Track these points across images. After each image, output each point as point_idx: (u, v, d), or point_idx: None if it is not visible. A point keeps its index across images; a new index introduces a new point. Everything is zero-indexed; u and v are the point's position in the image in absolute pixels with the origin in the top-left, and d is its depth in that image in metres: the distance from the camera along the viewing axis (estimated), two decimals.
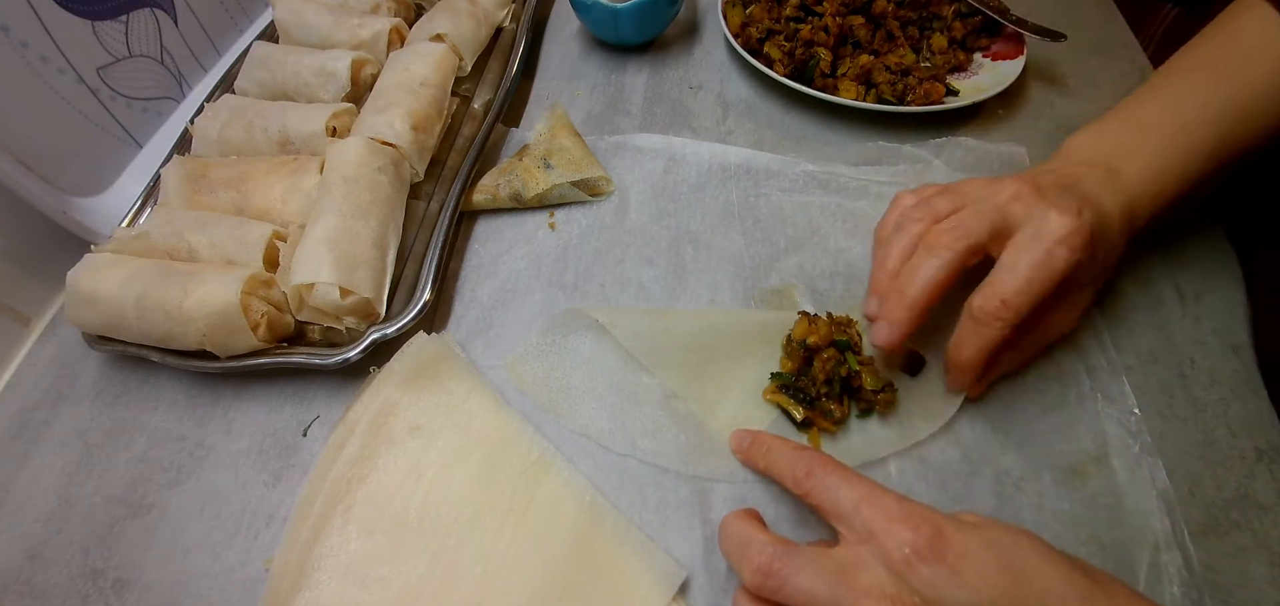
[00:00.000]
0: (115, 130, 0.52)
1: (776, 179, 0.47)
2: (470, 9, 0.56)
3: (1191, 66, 0.38)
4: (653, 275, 0.43)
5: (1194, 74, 0.37)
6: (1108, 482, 0.33)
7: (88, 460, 0.39)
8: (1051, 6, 0.56)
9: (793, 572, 0.27)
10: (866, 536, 0.26)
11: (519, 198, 0.47)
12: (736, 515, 0.31)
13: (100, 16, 0.50)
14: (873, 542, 0.26)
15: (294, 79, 0.53)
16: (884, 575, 0.25)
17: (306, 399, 0.40)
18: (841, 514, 0.28)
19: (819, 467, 0.29)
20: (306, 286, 0.39)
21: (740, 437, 0.35)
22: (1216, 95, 0.36)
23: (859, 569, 0.26)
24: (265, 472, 0.38)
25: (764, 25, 0.53)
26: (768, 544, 0.28)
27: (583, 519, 0.34)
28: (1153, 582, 0.31)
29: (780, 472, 0.31)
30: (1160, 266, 0.41)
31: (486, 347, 0.41)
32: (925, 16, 0.54)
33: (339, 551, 0.33)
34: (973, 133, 0.48)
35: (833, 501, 0.28)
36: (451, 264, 0.45)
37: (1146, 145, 0.36)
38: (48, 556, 0.36)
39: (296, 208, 0.45)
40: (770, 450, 0.32)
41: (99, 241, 0.43)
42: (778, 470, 0.32)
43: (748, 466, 0.35)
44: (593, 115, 0.54)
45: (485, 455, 0.36)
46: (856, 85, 0.50)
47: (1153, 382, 0.37)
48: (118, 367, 0.43)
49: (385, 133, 0.46)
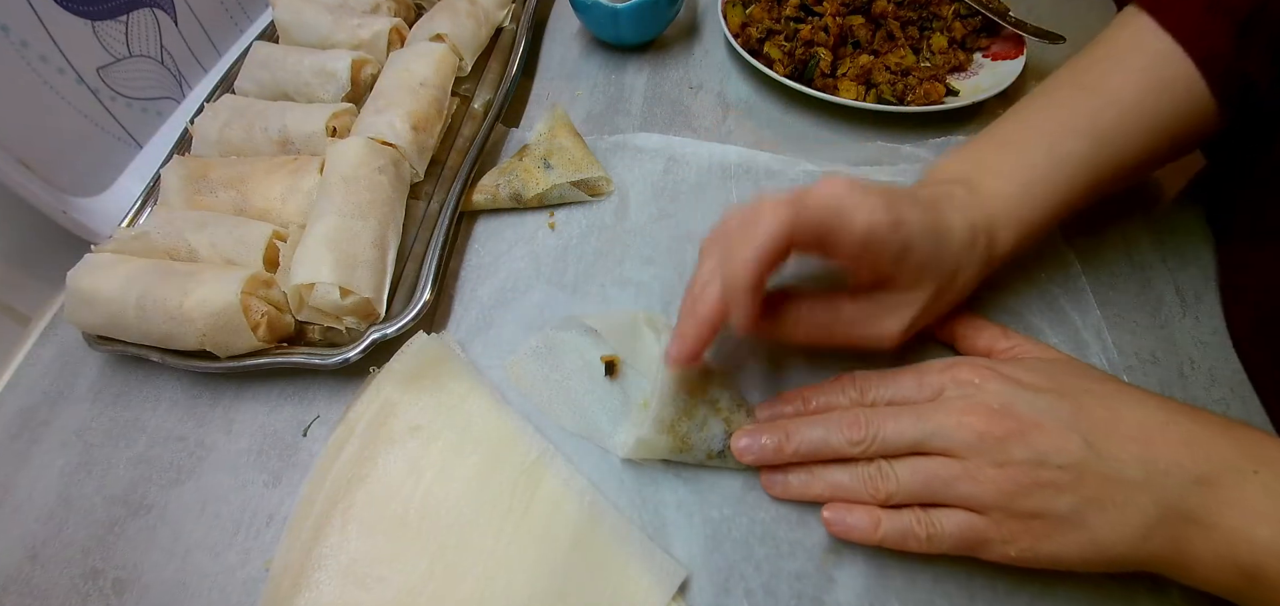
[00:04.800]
0: (115, 130, 0.52)
1: (776, 179, 0.47)
2: (470, 9, 0.56)
3: (1063, 82, 0.37)
4: (653, 275, 0.43)
5: (1064, 89, 0.37)
6: None
7: (88, 460, 0.39)
8: (1051, 6, 0.56)
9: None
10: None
11: (519, 198, 0.47)
12: None
13: (100, 16, 0.50)
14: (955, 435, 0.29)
15: (294, 79, 0.53)
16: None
17: (306, 399, 0.40)
18: (918, 443, 0.30)
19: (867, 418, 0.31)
20: (306, 286, 0.39)
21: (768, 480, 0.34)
22: (1087, 106, 0.35)
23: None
24: (265, 472, 0.38)
25: (764, 25, 0.53)
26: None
27: (582, 519, 0.34)
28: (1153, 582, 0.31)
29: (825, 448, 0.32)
30: (1161, 267, 0.41)
31: (486, 348, 0.41)
32: (925, 16, 0.54)
33: (339, 551, 0.33)
34: (973, 133, 0.48)
35: (901, 443, 0.31)
36: (451, 264, 0.45)
37: (1007, 160, 0.36)
38: (48, 556, 0.36)
39: (296, 208, 0.45)
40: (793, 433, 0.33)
41: (99, 241, 0.43)
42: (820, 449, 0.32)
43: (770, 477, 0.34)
44: (593, 115, 0.54)
45: (485, 455, 0.36)
46: (856, 85, 0.50)
47: (1153, 382, 0.37)
48: (118, 367, 0.43)
49: (385, 133, 0.46)
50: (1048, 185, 0.35)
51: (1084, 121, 0.35)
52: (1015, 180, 0.35)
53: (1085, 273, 0.40)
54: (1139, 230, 0.42)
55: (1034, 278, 0.40)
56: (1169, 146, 0.36)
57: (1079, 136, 0.35)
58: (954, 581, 0.31)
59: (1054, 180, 0.35)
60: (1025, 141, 0.36)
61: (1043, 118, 0.36)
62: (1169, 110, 0.35)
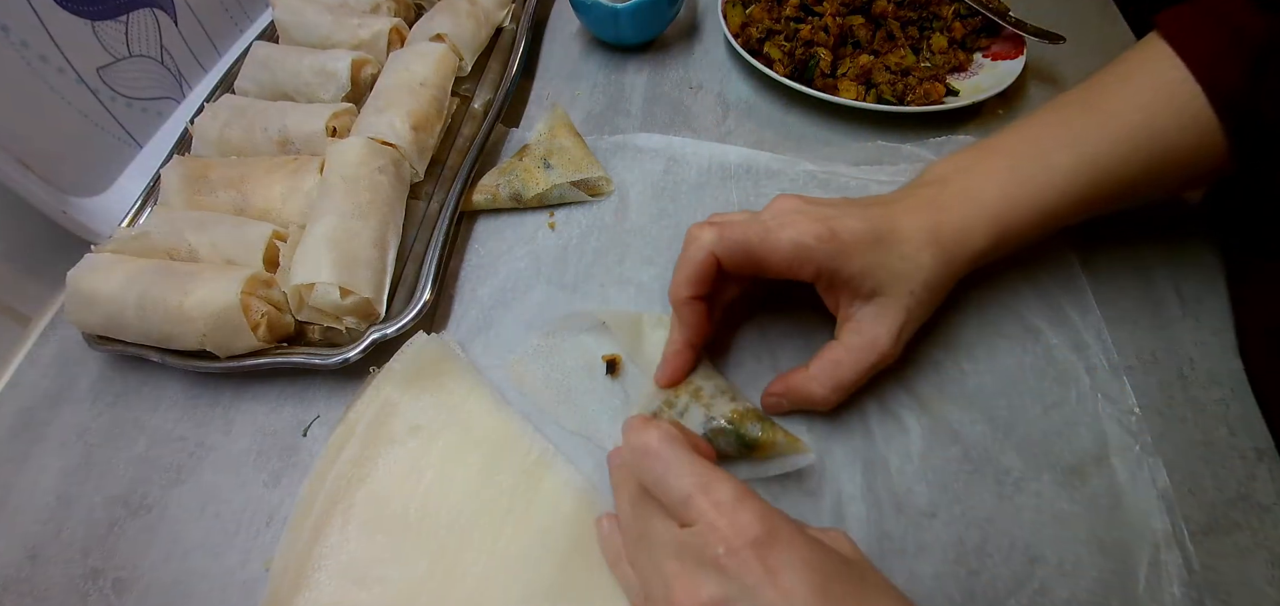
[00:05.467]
0: (115, 130, 0.52)
1: (776, 179, 0.47)
2: (470, 9, 0.56)
3: (1071, 99, 0.37)
4: (653, 275, 0.43)
5: (1069, 106, 0.37)
6: (1108, 482, 0.33)
7: (88, 460, 0.39)
8: (1052, 6, 0.56)
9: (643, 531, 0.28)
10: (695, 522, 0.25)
11: (519, 198, 0.47)
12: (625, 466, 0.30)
13: (100, 16, 0.50)
14: (698, 529, 0.25)
15: (294, 79, 0.53)
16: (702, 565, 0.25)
17: (306, 399, 0.40)
18: (671, 504, 0.26)
19: (656, 446, 0.27)
20: (306, 286, 0.39)
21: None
22: (1087, 123, 0.35)
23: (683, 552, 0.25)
24: (265, 473, 0.38)
25: (764, 25, 0.53)
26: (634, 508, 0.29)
27: (583, 518, 0.34)
28: (1153, 582, 0.31)
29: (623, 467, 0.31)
30: (1162, 268, 0.41)
31: (486, 348, 0.41)
32: (925, 16, 0.54)
33: (339, 551, 0.33)
34: (973, 132, 0.48)
35: (663, 488, 0.26)
36: (451, 264, 0.45)
37: (994, 165, 0.36)
38: (48, 556, 0.36)
39: (296, 208, 0.45)
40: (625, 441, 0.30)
41: (99, 241, 0.43)
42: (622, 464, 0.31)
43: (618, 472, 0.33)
44: (593, 115, 0.54)
45: (485, 455, 0.36)
46: (856, 85, 0.50)
47: (1153, 382, 0.37)
48: (118, 367, 0.43)
49: (385, 133, 0.46)
50: (1033, 192, 0.35)
51: (1080, 136, 0.35)
52: (997, 184, 0.35)
53: (1085, 272, 0.40)
54: (1141, 230, 0.42)
55: (1034, 277, 0.40)
56: (1174, 174, 0.35)
57: (1072, 150, 0.35)
58: (954, 581, 0.31)
59: (1040, 188, 0.35)
60: (1017, 150, 0.36)
61: (1041, 130, 0.36)
62: (1175, 137, 0.34)
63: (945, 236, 0.34)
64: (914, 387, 0.37)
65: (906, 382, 0.37)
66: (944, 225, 0.34)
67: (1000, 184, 0.35)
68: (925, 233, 0.34)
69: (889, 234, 0.33)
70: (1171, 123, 0.34)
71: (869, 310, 0.34)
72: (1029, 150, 0.36)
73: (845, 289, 0.34)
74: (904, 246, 0.34)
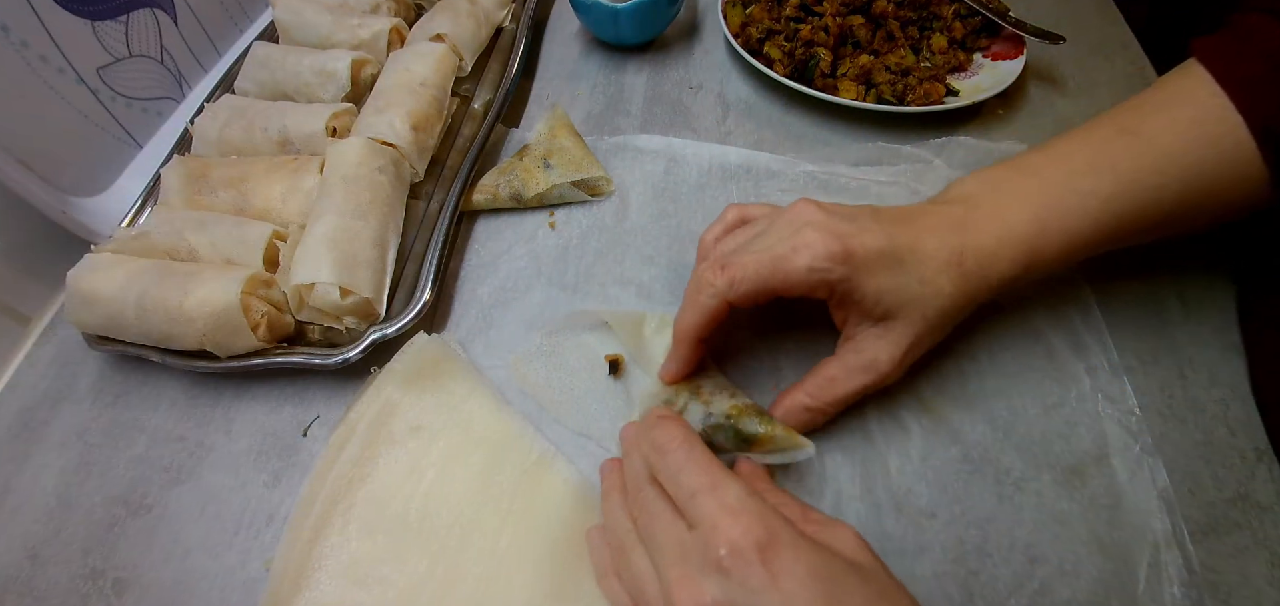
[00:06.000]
0: (115, 130, 0.52)
1: (777, 179, 0.47)
2: (470, 9, 0.56)
3: (1103, 122, 0.35)
4: (653, 275, 0.43)
5: (1102, 128, 0.35)
6: (1108, 482, 0.33)
7: (88, 460, 0.39)
8: (1052, 6, 0.56)
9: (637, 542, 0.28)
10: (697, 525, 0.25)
11: (519, 198, 0.47)
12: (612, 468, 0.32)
13: (100, 16, 0.50)
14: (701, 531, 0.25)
15: (294, 79, 0.53)
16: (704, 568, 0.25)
17: (306, 399, 0.40)
18: (679, 499, 0.27)
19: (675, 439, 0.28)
20: (307, 286, 0.39)
21: None
22: (1120, 147, 0.33)
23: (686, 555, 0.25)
24: (265, 473, 0.38)
25: (764, 25, 0.53)
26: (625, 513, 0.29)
27: (583, 519, 0.34)
28: (1153, 582, 0.31)
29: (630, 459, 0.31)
30: (1163, 268, 0.41)
31: (487, 348, 0.41)
32: (925, 16, 0.54)
33: (339, 551, 0.33)
34: (973, 132, 0.48)
35: (675, 482, 0.27)
36: (451, 264, 0.45)
37: (1025, 186, 0.34)
38: (48, 556, 0.36)
39: (296, 208, 0.45)
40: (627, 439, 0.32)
41: (99, 241, 0.43)
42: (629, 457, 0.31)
43: None
44: (593, 115, 0.54)
45: (486, 455, 0.36)
46: (856, 85, 0.50)
47: (1153, 382, 0.37)
48: (118, 368, 0.43)
49: (385, 133, 0.46)
50: (1064, 217, 0.33)
51: (1114, 161, 0.33)
52: (1028, 207, 0.33)
53: (1085, 272, 0.40)
54: None
55: None
56: (1211, 206, 0.34)
57: (1105, 175, 0.33)
58: (954, 581, 0.31)
59: (1072, 213, 0.33)
60: (1048, 171, 0.34)
61: (1073, 151, 0.35)
62: (1212, 168, 0.32)
63: (969, 261, 0.33)
64: (914, 387, 0.37)
65: (906, 383, 0.37)
66: (969, 248, 0.33)
67: (1032, 208, 0.33)
68: (948, 254, 0.32)
69: (909, 253, 0.32)
70: (1211, 153, 0.32)
71: (875, 331, 0.33)
72: (1061, 173, 0.34)
73: (856, 308, 0.33)
74: (923, 268, 0.32)
